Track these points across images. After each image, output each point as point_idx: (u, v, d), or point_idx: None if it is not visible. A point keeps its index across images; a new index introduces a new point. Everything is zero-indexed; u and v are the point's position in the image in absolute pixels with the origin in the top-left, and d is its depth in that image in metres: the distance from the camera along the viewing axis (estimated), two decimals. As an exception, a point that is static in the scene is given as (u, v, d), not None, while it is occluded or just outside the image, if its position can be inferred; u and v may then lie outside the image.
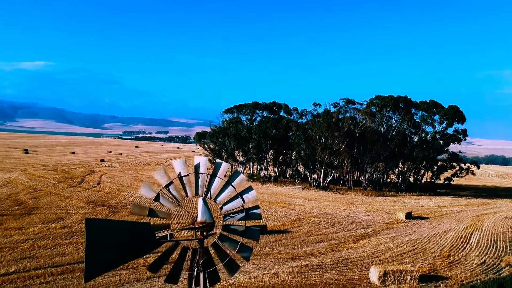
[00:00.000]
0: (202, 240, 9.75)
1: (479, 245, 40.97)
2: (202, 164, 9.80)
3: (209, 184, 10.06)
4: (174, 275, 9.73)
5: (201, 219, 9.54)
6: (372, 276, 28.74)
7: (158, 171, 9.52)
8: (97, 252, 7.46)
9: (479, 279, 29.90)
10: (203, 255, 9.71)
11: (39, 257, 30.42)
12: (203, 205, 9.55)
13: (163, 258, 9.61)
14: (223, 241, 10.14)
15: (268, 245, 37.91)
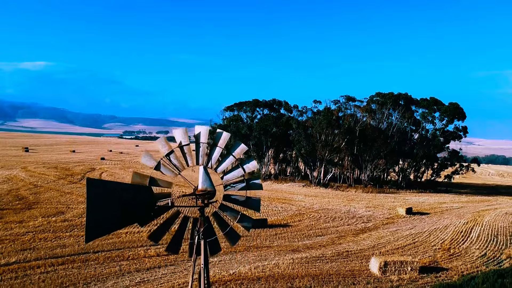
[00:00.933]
0: (203, 208, 9.74)
1: (480, 238, 40.94)
2: (203, 134, 9.77)
3: (210, 153, 10.06)
4: (175, 244, 9.72)
5: (202, 187, 9.53)
6: (372, 267, 28.73)
7: (159, 140, 9.53)
8: (98, 213, 7.45)
9: (479, 270, 29.87)
10: (204, 224, 9.71)
11: (39, 248, 30.43)
12: (203, 173, 9.54)
13: (164, 227, 9.60)
14: (223, 210, 10.13)
15: (269, 238, 37.90)
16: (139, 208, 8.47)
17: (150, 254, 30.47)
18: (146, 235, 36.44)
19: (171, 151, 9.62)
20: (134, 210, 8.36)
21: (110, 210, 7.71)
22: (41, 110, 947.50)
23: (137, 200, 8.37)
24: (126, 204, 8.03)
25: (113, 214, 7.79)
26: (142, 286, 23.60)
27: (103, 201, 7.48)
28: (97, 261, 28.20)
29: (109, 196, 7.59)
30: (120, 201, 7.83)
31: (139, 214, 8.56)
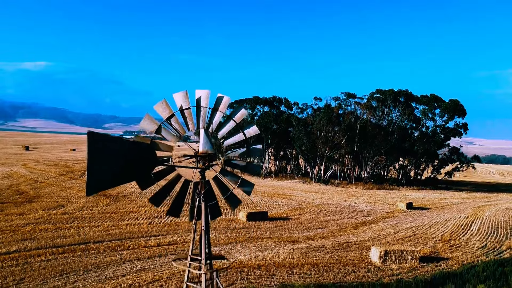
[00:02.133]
0: (204, 171, 9.75)
1: (480, 231, 40.93)
2: (204, 98, 9.76)
3: (211, 118, 10.04)
4: (176, 208, 9.73)
5: (203, 150, 9.53)
6: (373, 256, 28.73)
7: (159, 103, 9.52)
8: (99, 168, 7.45)
9: (480, 260, 29.87)
10: (205, 187, 9.71)
11: (40, 238, 30.44)
12: (204, 136, 9.53)
13: (164, 191, 9.60)
14: (224, 175, 10.14)
15: (269, 230, 37.90)
16: (140, 166, 8.48)
17: (151, 244, 30.49)
18: (146, 227, 36.50)
19: (172, 114, 9.61)
20: (135, 167, 8.37)
21: (111, 165, 7.72)
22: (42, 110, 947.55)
23: (138, 158, 8.38)
24: (127, 160, 8.03)
25: (114, 169, 7.80)
26: (142, 273, 23.59)
27: (104, 156, 7.49)
28: (97, 250, 28.21)
29: (110, 151, 7.59)
30: (121, 157, 7.84)
31: (139, 171, 8.56)
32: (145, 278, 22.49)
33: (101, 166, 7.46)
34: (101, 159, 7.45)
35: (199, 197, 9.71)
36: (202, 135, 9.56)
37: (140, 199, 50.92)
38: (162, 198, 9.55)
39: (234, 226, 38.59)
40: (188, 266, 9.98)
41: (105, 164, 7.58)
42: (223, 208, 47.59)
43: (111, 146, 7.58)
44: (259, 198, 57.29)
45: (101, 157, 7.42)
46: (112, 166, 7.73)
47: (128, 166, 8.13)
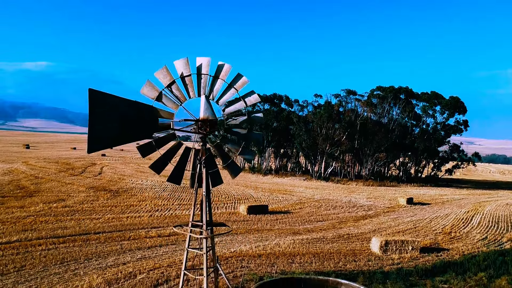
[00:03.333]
0: (205, 137, 9.75)
1: (481, 224, 40.92)
2: (205, 65, 9.75)
3: (212, 85, 10.03)
4: (177, 175, 9.73)
5: (204, 116, 9.53)
6: (373, 247, 28.73)
7: (160, 70, 9.51)
8: (100, 126, 7.45)
9: (480, 250, 29.86)
10: (206, 153, 9.72)
11: (40, 229, 30.45)
12: (205, 102, 9.54)
13: (165, 157, 9.61)
14: (225, 142, 10.14)
15: (269, 222, 37.91)
16: (141, 127, 8.48)
17: (151, 235, 30.51)
18: (146, 220, 36.50)
19: (173, 81, 9.60)
20: (136, 129, 8.37)
21: (112, 124, 7.72)
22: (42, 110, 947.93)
23: (139, 119, 8.39)
24: (128, 121, 8.04)
25: (115, 128, 7.81)
26: (143, 261, 23.59)
27: (105, 114, 7.49)
28: (98, 241, 28.22)
29: (112, 110, 7.59)
30: (122, 116, 7.84)
31: (140, 132, 8.56)
32: (145, 266, 22.49)
33: (101, 124, 7.46)
34: (102, 117, 7.45)
35: (200, 163, 9.72)
36: (203, 101, 9.57)
37: (141, 193, 50.97)
38: (163, 165, 9.55)
39: (235, 219, 38.62)
40: (189, 232, 9.99)
41: (105, 122, 7.59)
42: (223, 203, 47.67)
43: (112, 105, 7.58)
44: (259, 194, 57.32)
45: (102, 115, 7.42)
46: (113, 125, 7.73)
47: (129, 126, 8.14)
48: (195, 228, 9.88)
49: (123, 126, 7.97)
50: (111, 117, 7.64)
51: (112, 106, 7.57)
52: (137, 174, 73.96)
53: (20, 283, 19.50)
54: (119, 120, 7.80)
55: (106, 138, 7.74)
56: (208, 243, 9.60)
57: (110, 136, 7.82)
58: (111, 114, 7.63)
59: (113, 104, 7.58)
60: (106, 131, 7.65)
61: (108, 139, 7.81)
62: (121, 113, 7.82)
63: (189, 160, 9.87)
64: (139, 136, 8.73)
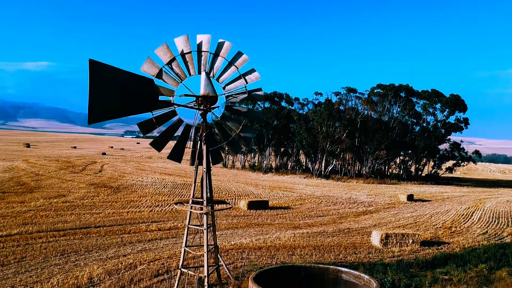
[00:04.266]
0: (205, 113, 9.74)
1: (481, 220, 40.91)
2: (205, 42, 9.73)
3: (212, 63, 10.01)
4: (178, 152, 9.70)
5: (204, 92, 9.51)
6: (374, 240, 28.71)
7: (160, 48, 9.49)
8: (100, 97, 7.44)
9: (481, 244, 29.83)
10: (206, 129, 9.71)
11: (41, 223, 30.48)
12: (205, 79, 9.52)
13: (166, 135, 9.59)
14: (226, 120, 10.13)
15: (270, 217, 37.91)
16: (141, 100, 8.47)
17: (152, 229, 30.52)
18: (147, 214, 36.50)
19: (173, 58, 9.58)
20: (136, 101, 8.36)
21: (112, 96, 7.72)
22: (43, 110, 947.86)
23: (140, 92, 8.38)
24: (128, 92, 8.03)
25: (115, 100, 7.80)
26: (143, 253, 23.59)
27: (105, 85, 7.47)
28: (98, 234, 28.23)
29: (111, 81, 7.57)
30: (122, 88, 7.82)
31: (140, 106, 8.56)
32: (146, 258, 22.48)
33: (101, 95, 7.45)
34: (102, 88, 7.43)
35: (201, 140, 9.70)
36: (203, 77, 9.55)
37: (141, 190, 50.99)
38: (164, 142, 9.54)
39: (235, 214, 38.62)
40: (190, 208, 10.00)
41: (105, 93, 7.58)
42: (224, 199, 47.67)
43: (111, 76, 7.56)
44: (259, 191, 57.31)
45: (102, 86, 7.41)
46: (113, 96, 7.73)
47: (129, 98, 8.13)
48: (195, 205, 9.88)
49: (123, 98, 7.96)
50: (111, 88, 7.63)
51: (111, 77, 7.54)
52: (138, 172, 73.96)
53: (21, 273, 19.51)
54: (119, 91, 7.79)
55: (106, 109, 7.73)
56: (208, 220, 9.61)
57: (110, 107, 7.80)
58: (110, 85, 7.61)
59: (112, 75, 7.55)
60: (106, 102, 7.64)
61: (108, 110, 7.80)
62: (121, 85, 7.80)
63: (189, 138, 9.87)
64: (139, 110, 8.72)
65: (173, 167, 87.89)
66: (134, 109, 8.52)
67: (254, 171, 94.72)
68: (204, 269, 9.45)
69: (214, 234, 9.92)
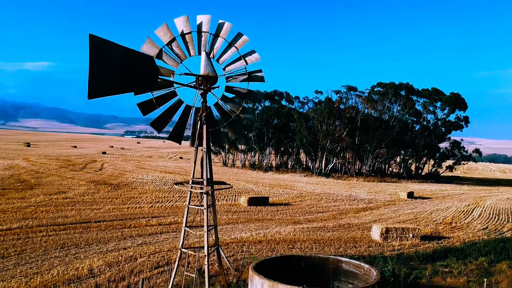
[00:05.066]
0: (205, 93, 9.75)
1: (482, 216, 40.91)
2: (205, 23, 9.74)
3: (212, 44, 10.01)
4: (178, 133, 9.71)
5: (204, 72, 9.52)
6: (374, 234, 28.71)
7: (160, 28, 9.50)
8: (100, 72, 7.43)
9: (481, 238, 29.82)
10: (206, 109, 9.72)
11: (41, 218, 30.47)
12: (205, 59, 9.53)
13: (166, 116, 9.60)
14: (226, 101, 10.14)
15: (270, 213, 37.90)
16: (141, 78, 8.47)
17: (152, 224, 30.53)
18: (147, 210, 36.48)
19: (173, 39, 9.59)
20: (136, 78, 8.37)
21: (112, 71, 7.72)
22: (43, 110, 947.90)
23: (140, 69, 8.38)
24: (128, 69, 8.03)
25: (115, 75, 7.80)
26: (144, 247, 23.60)
27: (106, 62, 7.48)
28: (98, 228, 28.24)
29: (111, 57, 7.57)
30: (122, 64, 7.83)
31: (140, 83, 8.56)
32: (146, 250, 22.50)
33: (101, 70, 7.45)
34: (102, 64, 7.44)
35: (201, 120, 9.72)
36: (204, 57, 9.56)
37: (141, 187, 50.99)
38: (164, 123, 9.55)
39: (235, 210, 38.62)
40: (190, 188, 10.01)
41: (106, 68, 7.58)
42: (224, 195, 47.66)
43: (112, 52, 7.57)
44: (260, 188, 57.31)
45: (103, 61, 7.41)
46: (113, 72, 7.73)
47: (129, 75, 8.13)
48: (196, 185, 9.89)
49: (123, 74, 7.96)
50: (111, 64, 7.63)
51: (111, 53, 7.55)
52: (138, 170, 73.96)
53: (21, 265, 19.51)
54: (119, 67, 7.80)
55: (106, 84, 7.72)
56: (209, 200, 9.62)
57: (110, 83, 7.80)
58: (110, 61, 7.61)
59: (112, 51, 7.56)
60: (106, 78, 7.64)
61: (108, 86, 7.79)
62: (121, 61, 7.81)
63: (189, 118, 9.89)
64: (139, 87, 8.71)
65: (173, 166, 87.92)
66: (133, 87, 8.51)
67: (254, 170, 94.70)
68: (205, 248, 9.46)
69: (214, 214, 9.93)
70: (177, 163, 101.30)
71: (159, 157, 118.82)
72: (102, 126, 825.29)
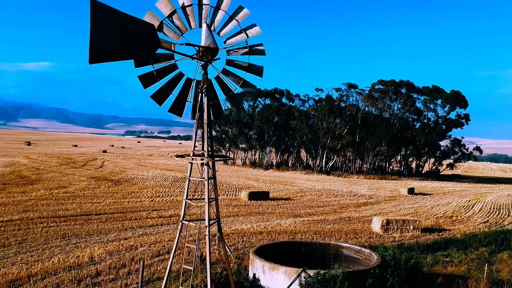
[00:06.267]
0: (206, 64, 9.76)
1: (482, 210, 40.89)
2: None
3: (213, 17, 10.02)
4: (178, 106, 9.72)
5: (205, 43, 9.54)
6: (374, 226, 28.70)
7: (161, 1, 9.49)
8: (102, 37, 7.42)
9: (482, 231, 29.80)
10: (207, 81, 9.73)
11: (42, 211, 30.49)
12: (206, 30, 9.55)
13: (167, 88, 9.61)
14: (226, 75, 10.15)
15: (271, 207, 37.91)
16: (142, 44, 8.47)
17: (153, 216, 30.55)
18: (148, 204, 36.49)
19: (174, 11, 9.60)
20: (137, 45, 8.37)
21: (114, 37, 7.71)
22: (43, 110, 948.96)
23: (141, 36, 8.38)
24: (130, 36, 8.02)
25: (116, 41, 7.79)
26: (144, 237, 23.61)
27: (107, 27, 7.48)
28: (99, 220, 28.26)
29: (112, 22, 7.56)
30: (124, 30, 7.82)
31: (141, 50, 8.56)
32: (147, 241, 22.50)
33: (102, 35, 7.44)
34: (104, 28, 7.43)
35: (201, 91, 9.72)
36: (204, 29, 9.59)
37: (142, 183, 51.02)
38: (165, 96, 9.55)
39: (236, 204, 38.64)
40: (191, 159, 10.02)
41: (107, 33, 7.57)
42: (224, 191, 47.68)
43: (112, 16, 7.57)
44: (260, 184, 57.32)
45: (104, 25, 7.40)
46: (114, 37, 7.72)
47: (130, 41, 8.14)
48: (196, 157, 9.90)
49: (124, 40, 7.97)
50: (112, 30, 7.63)
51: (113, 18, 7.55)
52: (139, 167, 74.02)
53: (22, 253, 19.53)
54: (120, 32, 7.79)
55: (107, 49, 7.72)
56: (210, 173, 9.64)
57: (111, 48, 7.79)
58: (112, 26, 7.61)
59: (114, 15, 7.56)
60: (106, 43, 7.63)
61: (109, 51, 7.79)
62: (122, 26, 7.81)
63: (190, 91, 9.89)
64: (140, 54, 8.71)
65: (174, 163, 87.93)
66: (134, 54, 8.52)
67: (255, 168, 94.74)
68: (206, 218, 9.47)
69: (215, 187, 9.95)
70: (177, 161, 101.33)
71: (159, 156, 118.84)
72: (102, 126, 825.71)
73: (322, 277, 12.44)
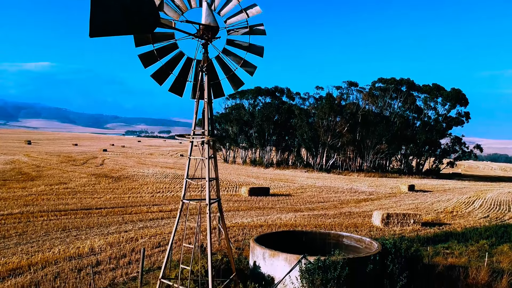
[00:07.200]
0: (206, 44, 9.76)
1: (483, 206, 40.88)
2: None
3: None
4: (179, 85, 9.72)
5: (206, 21, 9.53)
6: (375, 220, 28.71)
7: None
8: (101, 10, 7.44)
9: (482, 225, 29.77)
10: (207, 60, 9.73)
11: (42, 205, 30.48)
12: (207, 9, 9.56)
13: (167, 67, 9.60)
14: (227, 55, 10.15)
15: (271, 202, 37.90)
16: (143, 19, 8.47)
17: (153, 211, 30.56)
18: (148, 199, 36.49)
19: None
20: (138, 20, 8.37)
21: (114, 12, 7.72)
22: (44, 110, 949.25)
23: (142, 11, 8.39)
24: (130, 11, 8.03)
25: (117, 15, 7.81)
26: (145, 230, 23.61)
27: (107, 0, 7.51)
28: (100, 214, 28.26)
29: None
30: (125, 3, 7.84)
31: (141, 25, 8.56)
32: (147, 233, 22.52)
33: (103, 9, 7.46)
34: (105, 3, 7.46)
35: (202, 70, 9.72)
36: (205, 7, 9.60)
37: (143, 179, 51.02)
38: (165, 75, 9.56)
39: (236, 199, 38.64)
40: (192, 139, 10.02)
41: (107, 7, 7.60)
42: (225, 187, 47.68)
43: None
44: (261, 181, 57.32)
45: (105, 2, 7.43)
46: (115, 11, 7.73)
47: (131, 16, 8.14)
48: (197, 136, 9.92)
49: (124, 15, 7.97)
50: (112, 3, 7.66)
51: (115, -6, 7.60)
52: (139, 165, 74.04)
53: (22, 244, 19.55)
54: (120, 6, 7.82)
55: (107, 23, 7.73)
56: (210, 152, 9.64)
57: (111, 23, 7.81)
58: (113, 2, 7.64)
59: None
60: (107, 17, 7.65)
61: (110, 24, 7.80)
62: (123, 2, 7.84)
63: (190, 71, 9.89)
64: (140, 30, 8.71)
65: (174, 162, 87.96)
66: (134, 28, 8.53)
67: (255, 166, 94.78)
68: (206, 197, 9.48)
69: (216, 167, 9.97)
70: (178, 159, 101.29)
71: (160, 155, 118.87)
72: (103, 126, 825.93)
73: (323, 263, 12.45)
